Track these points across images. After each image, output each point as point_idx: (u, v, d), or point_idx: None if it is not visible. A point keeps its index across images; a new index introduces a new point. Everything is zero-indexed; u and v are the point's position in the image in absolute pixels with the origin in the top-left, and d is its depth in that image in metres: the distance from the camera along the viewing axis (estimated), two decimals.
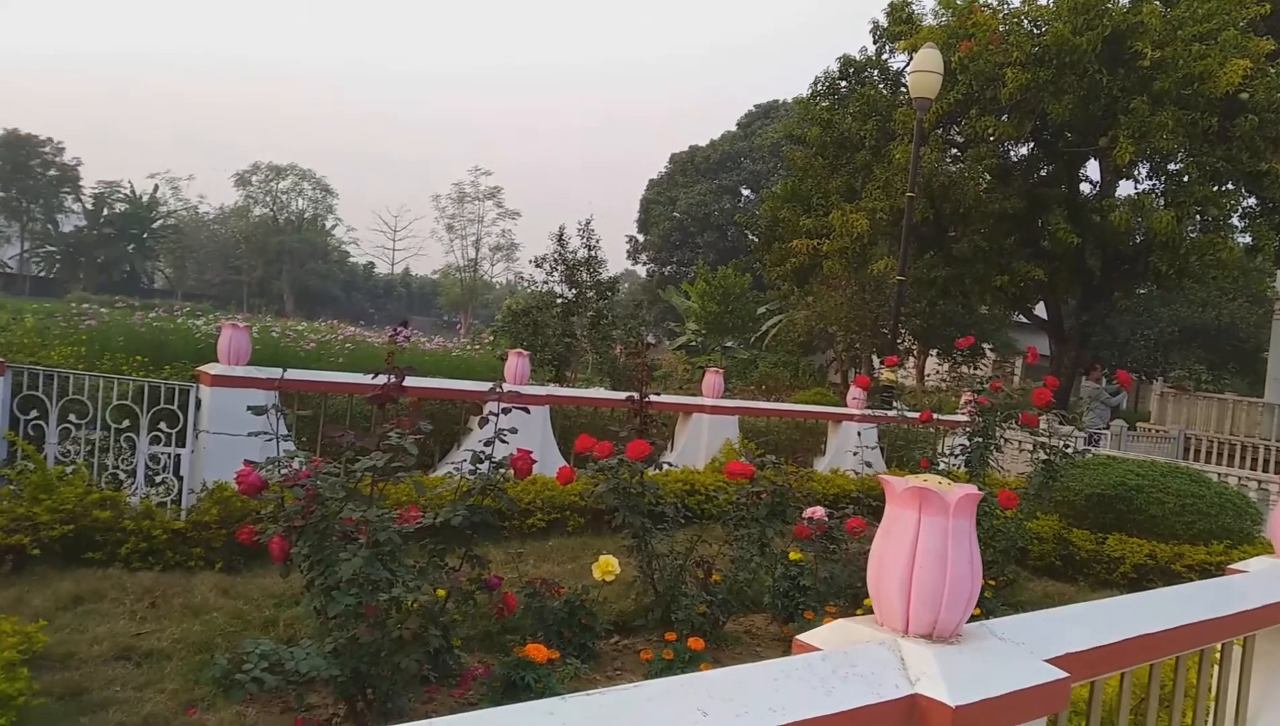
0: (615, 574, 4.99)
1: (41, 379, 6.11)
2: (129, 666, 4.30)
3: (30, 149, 63.44)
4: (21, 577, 5.22)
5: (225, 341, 6.64)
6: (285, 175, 70.96)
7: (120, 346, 11.40)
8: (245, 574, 5.79)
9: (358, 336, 19.22)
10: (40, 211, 65.35)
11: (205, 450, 6.38)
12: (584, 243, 18.08)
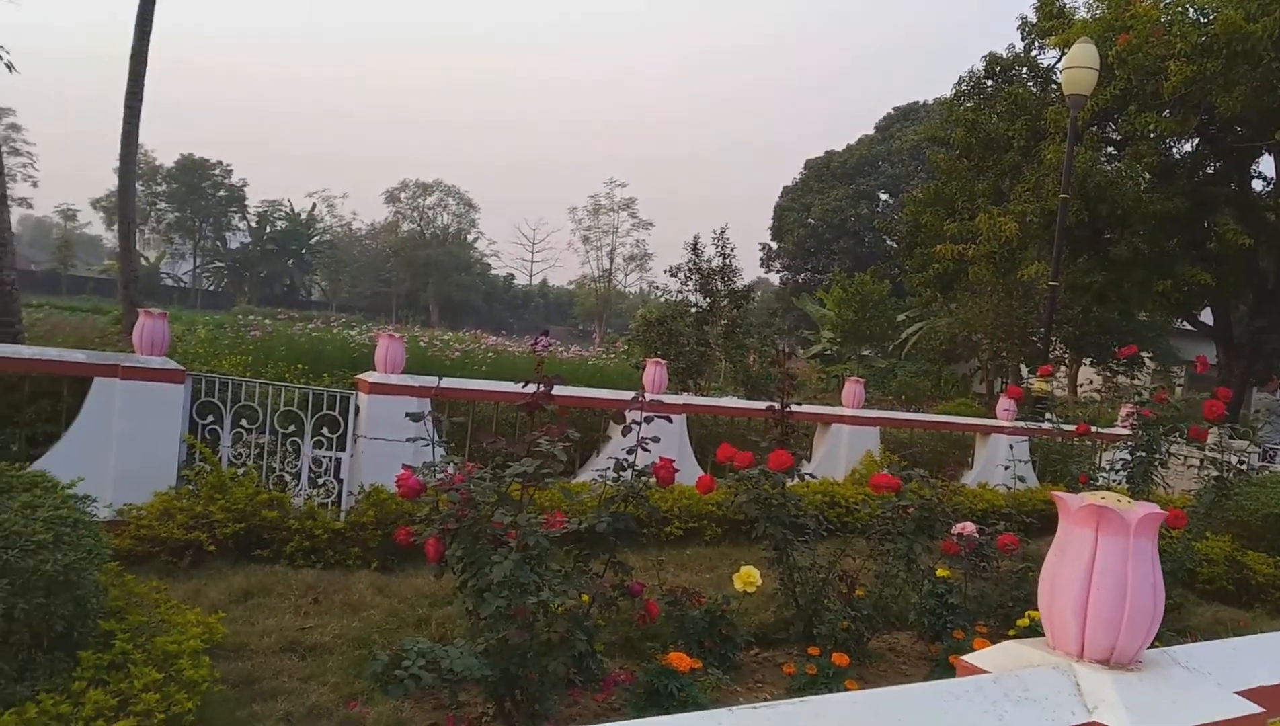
0: (756, 585, 4.94)
1: (217, 386, 6.57)
2: (294, 658, 4.54)
3: (203, 172, 68.51)
4: (199, 571, 5.61)
5: (382, 351, 6.96)
6: (431, 191, 74.02)
7: (282, 355, 12.13)
8: (399, 573, 6.04)
9: (499, 346, 19.81)
10: (210, 230, 70.41)
11: (363, 454, 6.70)
12: (718, 251, 18.06)
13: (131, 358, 6.20)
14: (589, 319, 72.42)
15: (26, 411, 6.14)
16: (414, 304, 69.96)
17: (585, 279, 71.79)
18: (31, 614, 2.81)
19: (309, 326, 17.29)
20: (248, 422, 6.60)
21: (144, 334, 6.20)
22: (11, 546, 2.81)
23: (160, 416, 6.08)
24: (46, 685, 2.87)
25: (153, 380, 6.06)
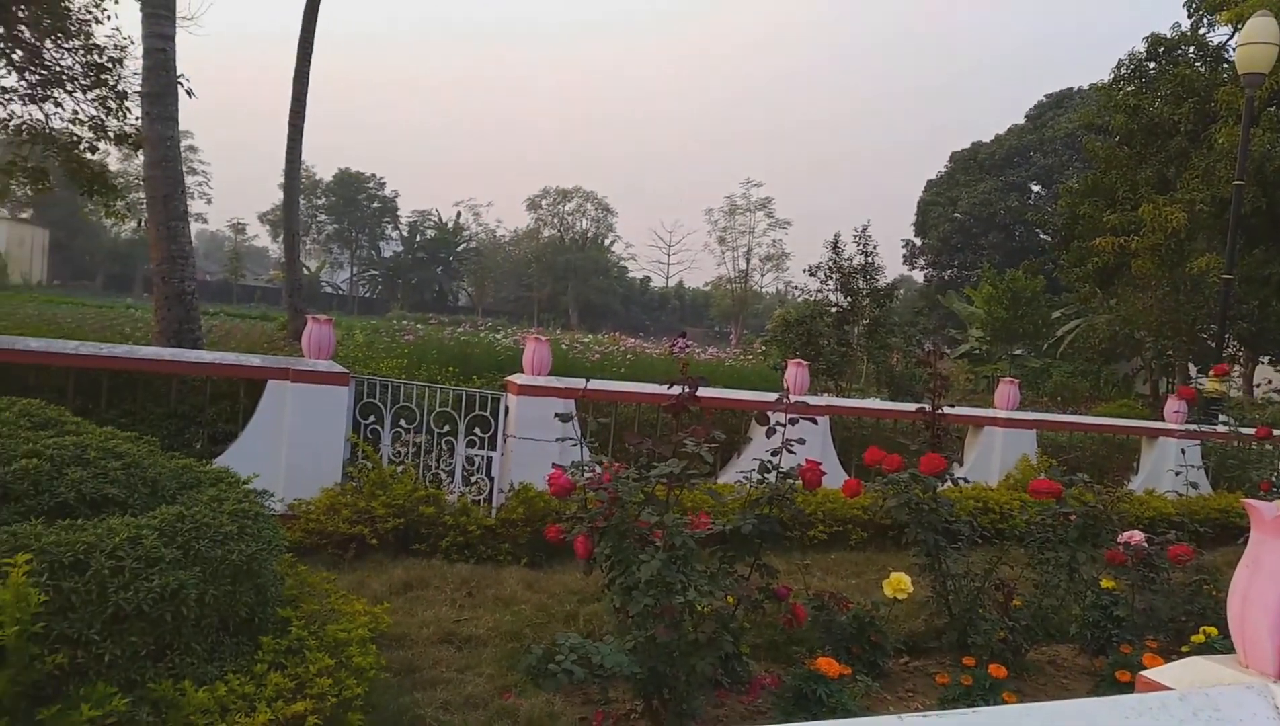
0: (907, 592, 4.81)
1: (378, 388, 6.91)
2: (451, 649, 4.73)
3: (358, 185, 72.26)
4: (362, 564, 5.92)
5: (529, 354, 7.15)
6: (570, 197, 75.63)
7: (434, 358, 12.65)
8: (547, 569, 6.20)
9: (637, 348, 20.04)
10: (366, 239, 74.13)
11: (512, 453, 6.91)
12: (860, 249, 17.68)
13: (301, 361, 6.59)
14: (725, 320, 72.29)
15: (208, 411, 6.63)
16: (554, 307, 71.61)
17: (721, 280, 71.70)
18: (220, 600, 3.03)
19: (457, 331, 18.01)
20: (406, 422, 6.92)
21: (312, 338, 6.58)
22: (202, 537, 3.03)
23: (327, 416, 6.45)
24: (233, 666, 3.08)
25: (320, 382, 6.43)
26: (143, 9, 10.31)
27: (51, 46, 15.38)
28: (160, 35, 10.03)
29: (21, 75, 15.57)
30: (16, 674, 2.48)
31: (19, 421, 3.31)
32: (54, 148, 15.88)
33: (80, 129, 16.03)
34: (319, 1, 18.60)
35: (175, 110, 10.23)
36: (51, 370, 6.19)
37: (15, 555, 2.52)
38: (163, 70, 10.07)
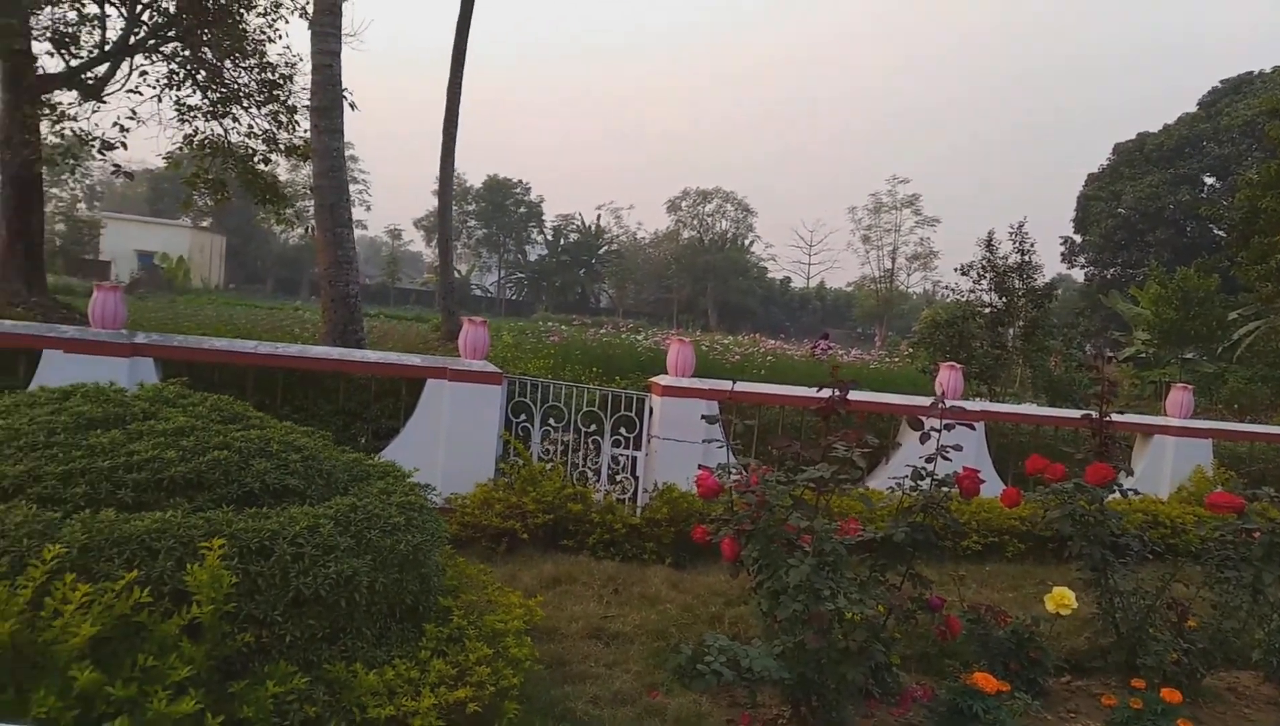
0: (1070, 608, 4.58)
1: (529, 387, 7.12)
2: (599, 645, 4.81)
3: (505, 191, 74.56)
4: (514, 557, 6.10)
5: (673, 355, 7.21)
6: (710, 198, 75.64)
7: (578, 358, 12.93)
8: (691, 570, 6.22)
9: (777, 349, 19.85)
10: (513, 243, 76.39)
11: (656, 453, 6.97)
12: (1016, 247, 16.91)
13: (457, 361, 6.86)
14: (869, 321, 70.61)
15: (373, 408, 7.00)
16: (693, 308, 71.79)
17: (865, 280, 70.06)
18: (388, 587, 3.19)
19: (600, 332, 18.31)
20: (555, 421, 7.10)
21: (468, 340, 6.84)
22: (373, 527, 3.20)
23: (481, 414, 6.69)
24: (399, 651, 3.24)
25: (476, 382, 6.68)
26: (312, 27, 10.96)
27: (230, 66, 16.57)
28: (327, 52, 10.63)
29: (204, 94, 16.85)
30: (211, 649, 2.69)
31: (211, 415, 3.58)
32: (231, 160, 17.10)
33: (255, 142, 17.22)
34: (471, 18, 19.33)
35: (341, 123, 10.82)
36: (233, 368, 6.67)
37: (211, 539, 2.74)
38: (329, 85, 10.68)
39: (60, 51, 15.67)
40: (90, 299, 6.54)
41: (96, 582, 2.57)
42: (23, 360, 6.36)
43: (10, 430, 3.15)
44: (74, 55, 15.76)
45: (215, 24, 15.71)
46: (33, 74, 15.00)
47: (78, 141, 15.86)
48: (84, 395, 3.50)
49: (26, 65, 14.85)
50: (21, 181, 15.49)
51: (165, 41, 16.17)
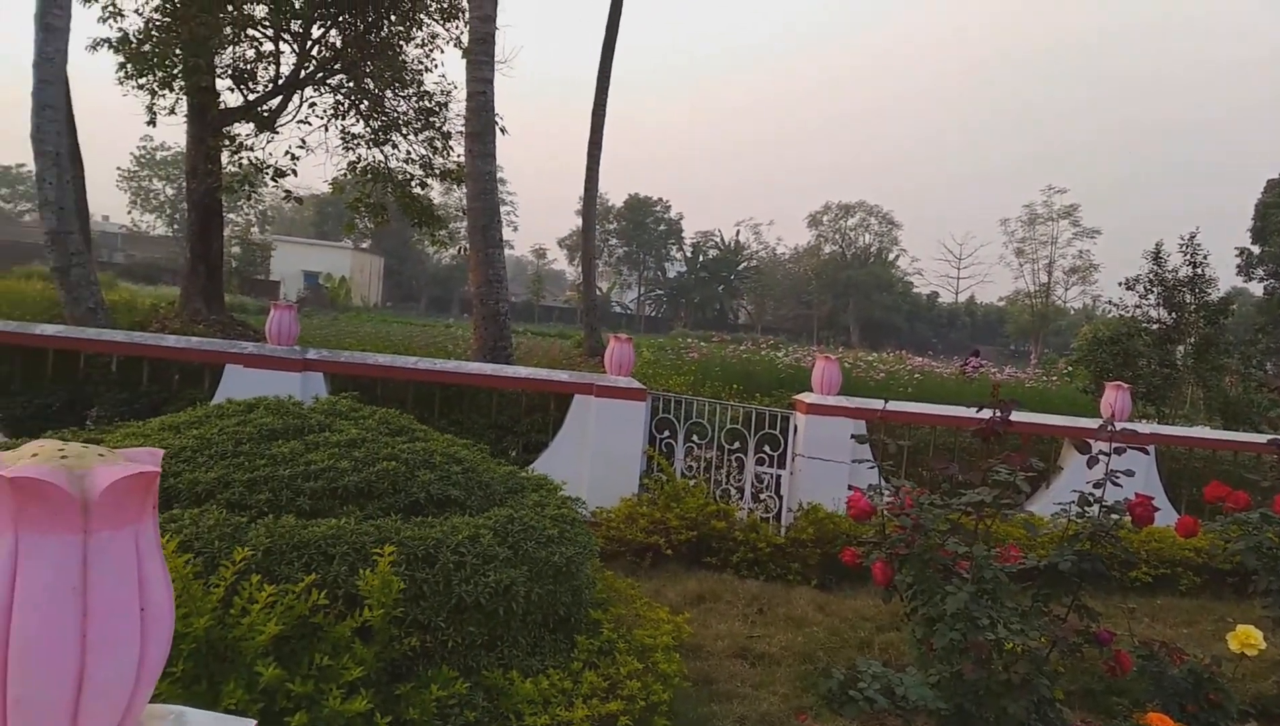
0: (1257, 648, 4.23)
1: (672, 404, 7.16)
2: (744, 664, 4.77)
3: (646, 209, 75.51)
4: (658, 573, 6.13)
5: (819, 372, 7.10)
6: (853, 212, 74.34)
7: (717, 375, 12.92)
8: (837, 592, 6.10)
9: (925, 367, 19.23)
10: (652, 261, 77.21)
11: (800, 472, 6.88)
12: (1187, 259, 15.82)
13: (603, 377, 6.98)
14: (1022, 338, 67.53)
15: (523, 422, 7.20)
16: (834, 324, 70.58)
17: (1018, 294, 67.05)
18: (543, 598, 3.26)
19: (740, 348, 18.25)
20: (698, 438, 7.11)
21: (614, 356, 6.96)
22: (529, 538, 3.29)
23: (626, 430, 6.77)
24: (552, 661, 3.31)
25: (621, 397, 6.77)
26: (467, 56, 11.45)
27: (391, 96, 17.49)
28: (481, 80, 11.07)
29: (367, 122, 17.84)
30: (380, 651, 2.82)
31: (379, 428, 3.77)
32: (391, 185, 18.02)
33: (412, 167, 18.10)
34: (615, 42, 19.72)
35: (493, 147, 11.23)
36: (394, 382, 7.01)
37: (381, 546, 2.88)
38: (483, 111, 11.11)
39: (239, 87, 16.95)
40: (265, 317, 7.00)
41: (278, 584, 2.74)
42: (208, 373, 6.88)
43: (203, 439, 3.41)
44: (251, 90, 17.02)
45: (377, 56, 16.63)
46: (216, 108, 16.28)
47: (253, 170, 17.08)
48: (266, 408, 3.75)
49: (210, 101, 16.13)
50: (204, 208, 16.80)
51: (332, 74, 17.23)
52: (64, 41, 9.89)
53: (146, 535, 1.03)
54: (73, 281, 9.98)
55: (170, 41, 14.93)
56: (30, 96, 9.66)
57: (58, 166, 9.78)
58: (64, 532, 0.94)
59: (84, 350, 6.79)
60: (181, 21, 14.41)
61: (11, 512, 0.93)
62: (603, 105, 19.74)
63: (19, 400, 6.67)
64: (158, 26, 15.24)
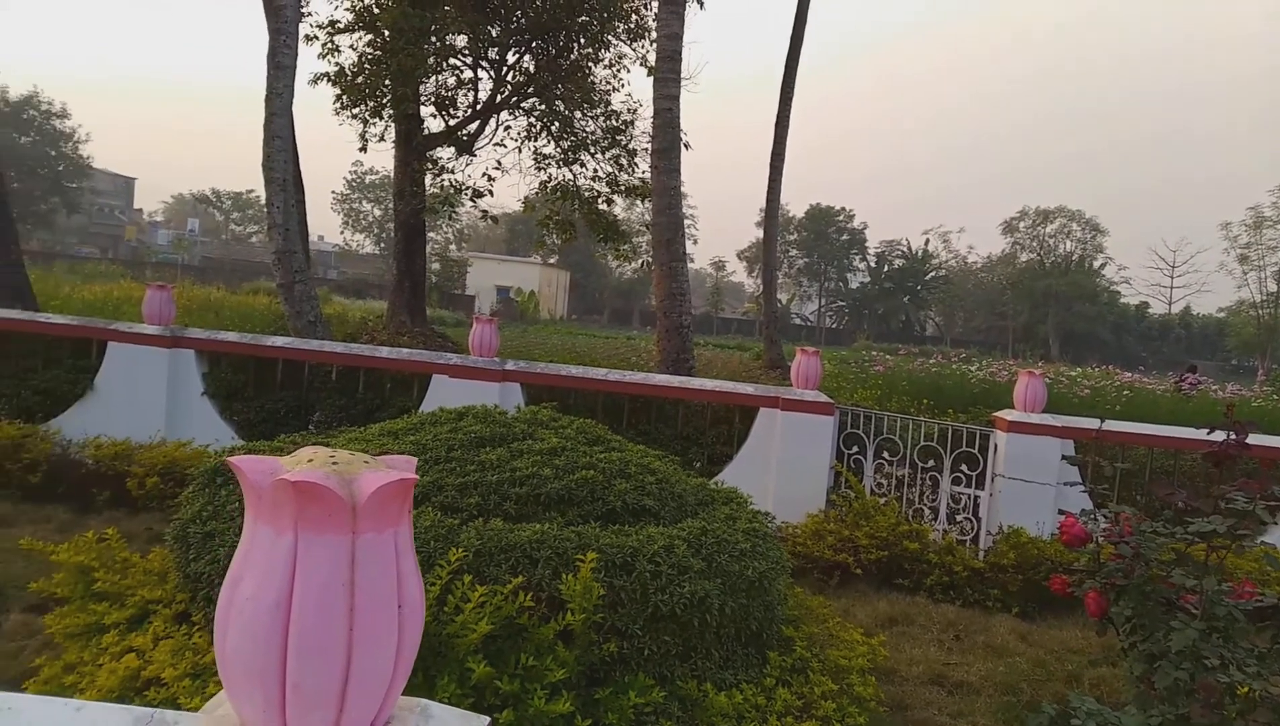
0: None
1: (861, 419, 6.99)
2: (941, 692, 4.58)
3: (827, 219, 74.28)
4: (846, 592, 5.99)
5: (1021, 388, 6.74)
6: (1052, 218, 70.14)
7: (904, 389, 12.50)
8: (1040, 622, 5.75)
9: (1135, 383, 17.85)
10: (834, 271, 75.80)
11: (1001, 494, 6.54)
12: None
13: (789, 390, 6.91)
14: (1247, 352, 61.47)
15: (708, 434, 7.23)
16: (1031, 337, 66.69)
17: (1241, 305, 61.10)
18: (736, 611, 3.26)
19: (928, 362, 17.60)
20: (888, 454, 6.91)
21: (800, 369, 6.88)
22: (723, 551, 3.30)
23: (813, 444, 6.67)
24: (744, 676, 3.30)
25: (808, 411, 6.68)
26: (654, 74, 11.67)
27: (580, 116, 18.09)
28: (668, 96, 11.25)
29: (557, 143, 18.54)
30: (580, 654, 2.91)
31: (577, 437, 3.89)
32: (578, 202, 18.63)
33: (598, 184, 18.64)
34: (799, 54, 19.57)
35: (678, 162, 11.39)
36: (585, 393, 7.21)
37: (582, 553, 2.97)
38: (669, 127, 11.28)
39: (441, 113, 18.03)
40: (462, 329, 7.38)
41: (486, 584, 2.88)
42: (416, 382, 7.33)
43: (419, 445, 3.64)
44: (452, 116, 18.06)
45: (568, 79, 17.26)
46: (420, 134, 17.38)
47: (453, 191, 18.10)
48: (475, 416, 3.96)
49: (415, 127, 17.25)
50: (409, 227, 17.96)
51: (525, 98, 18.03)
52: (291, 78, 10.83)
53: (404, 537, 1.11)
54: (296, 296, 10.89)
55: (380, 73, 16.10)
56: (261, 129, 10.65)
57: (284, 192, 10.72)
58: (336, 533, 1.03)
59: (308, 360, 7.39)
60: (390, 54, 15.50)
61: (293, 514, 1.03)
62: (786, 117, 19.61)
63: (252, 405, 7.34)
64: (369, 60, 16.47)
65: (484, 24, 16.02)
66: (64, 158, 56.96)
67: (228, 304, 19.66)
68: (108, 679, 2.99)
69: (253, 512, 1.07)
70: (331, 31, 16.67)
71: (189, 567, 3.34)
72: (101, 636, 3.36)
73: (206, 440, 6.86)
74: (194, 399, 7.24)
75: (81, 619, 3.45)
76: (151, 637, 3.22)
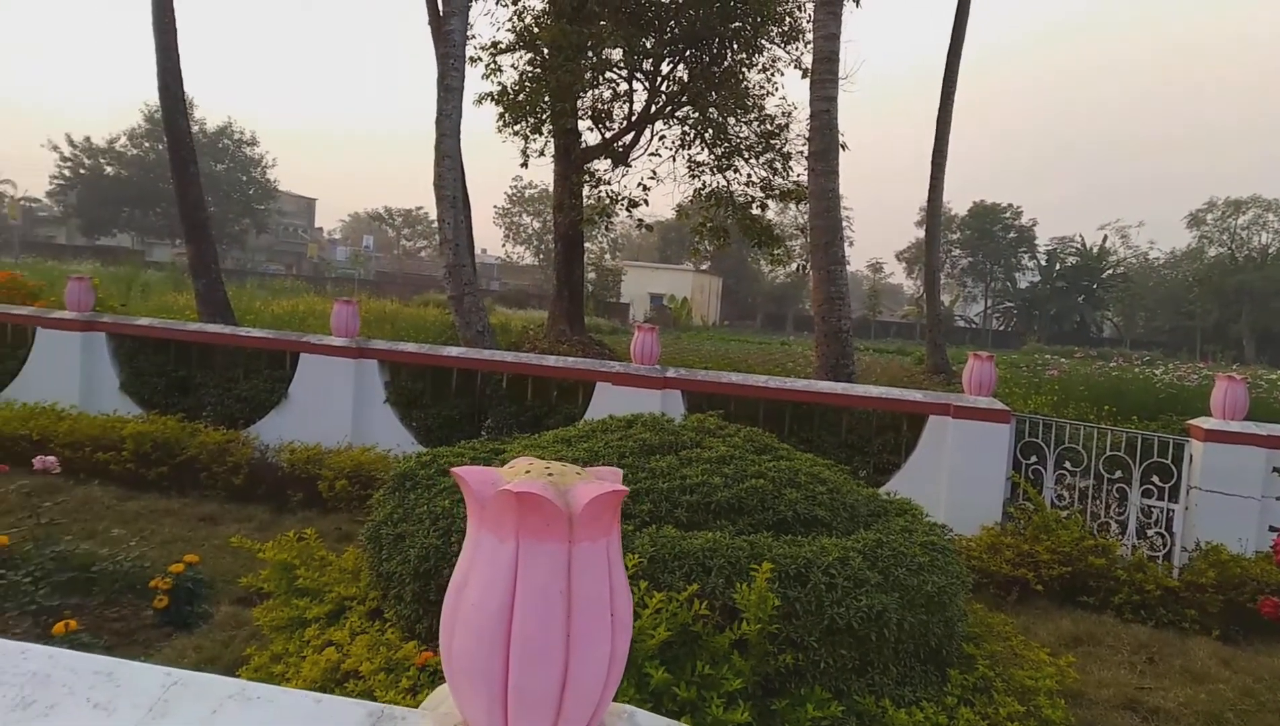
0: None
1: (1040, 427, 6.65)
2: (1135, 718, 4.30)
3: (993, 216, 71.11)
4: (1025, 609, 5.71)
5: (1220, 394, 6.23)
6: (1245, 209, 64.61)
7: (1082, 395, 11.78)
8: (1246, 647, 5.31)
9: None
10: (1000, 271, 72.49)
11: (1197, 507, 6.08)
12: None
13: (961, 397, 6.66)
14: None
15: (874, 442, 7.06)
16: (1221, 337, 61.57)
17: None
18: (914, 627, 3.17)
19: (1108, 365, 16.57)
20: (1070, 465, 6.54)
21: (973, 375, 6.62)
22: (900, 564, 3.22)
23: (987, 454, 6.41)
24: (923, 694, 3.20)
25: (981, 419, 6.42)
26: (810, 76, 11.52)
27: (733, 122, 18.08)
28: (825, 98, 11.09)
29: (711, 150, 18.58)
30: (756, 665, 2.90)
31: (745, 446, 3.89)
32: (731, 208, 18.61)
33: (752, 189, 18.55)
34: (961, 49, 18.86)
35: (836, 164, 11.19)
36: (746, 400, 7.19)
37: (754, 562, 2.96)
38: (826, 129, 11.11)
39: (597, 126, 18.44)
40: (617, 337, 7.49)
41: (661, 590, 2.92)
42: (581, 389, 7.51)
43: (592, 452, 3.73)
44: (608, 128, 18.44)
45: (721, 85, 17.28)
46: (578, 148, 17.83)
47: (610, 201, 18.46)
48: (644, 424, 4.02)
49: (573, 141, 17.70)
50: (568, 239, 18.44)
51: (679, 107, 18.17)
52: (459, 100, 11.33)
53: (615, 547, 1.14)
54: (465, 308, 11.36)
55: (540, 90, 16.62)
56: (432, 149, 11.19)
57: (454, 209, 11.21)
58: (555, 541, 1.08)
59: (480, 369, 7.70)
60: (549, 71, 15.98)
61: (514, 522, 1.08)
62: (948, 113, 18.93)
63: (430, 412, 7.72)
64: (529, 78, 17.04)
65: (639, 36, 16.26)
66: (254, 182, 61.79)
67: (401, 315, 20.77)
68: (310, 670, 3.21)
69: (475, 520, 1.12)
70: (494, 52, 17.35)
71: (381, 567, 3.54)
72: (303, 630, 3.61)
73: (389, 445, 7.26)
74: (377, 406, 7.68)
75: (285, 613, 3.72)
76: (348, 632, 3.43)
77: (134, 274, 24.58)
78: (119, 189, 56.36)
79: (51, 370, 8.07)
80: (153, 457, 6.82)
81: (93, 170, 56.57)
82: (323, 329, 13.58)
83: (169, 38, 12.94)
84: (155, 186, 55.12)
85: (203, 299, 13.36)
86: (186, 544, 5.64)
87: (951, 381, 17.37)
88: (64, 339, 8.07)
